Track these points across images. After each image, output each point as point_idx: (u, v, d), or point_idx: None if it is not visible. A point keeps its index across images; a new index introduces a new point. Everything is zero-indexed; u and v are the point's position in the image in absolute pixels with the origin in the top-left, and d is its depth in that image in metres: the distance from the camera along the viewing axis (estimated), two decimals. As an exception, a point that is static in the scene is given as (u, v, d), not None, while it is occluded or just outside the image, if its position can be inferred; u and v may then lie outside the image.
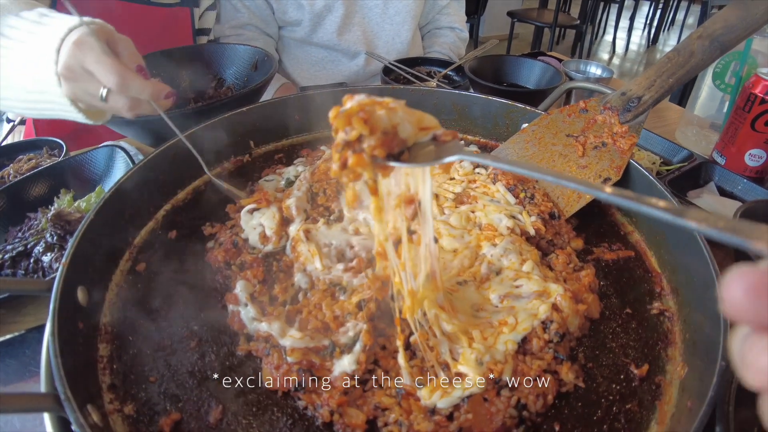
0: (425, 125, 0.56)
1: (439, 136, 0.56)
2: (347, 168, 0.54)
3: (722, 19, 0.88)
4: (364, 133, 0.51)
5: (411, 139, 0.55)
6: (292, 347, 0.64)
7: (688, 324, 0.70)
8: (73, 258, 0.69)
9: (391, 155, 0.53)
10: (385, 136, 0.52)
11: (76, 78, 0.86)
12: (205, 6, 1.79)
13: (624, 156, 0.89)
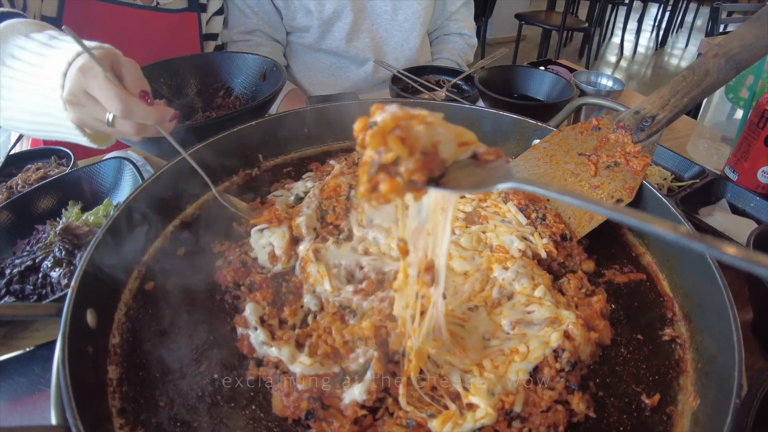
0: (464, 140, 0.50)
1: (481, 154, 0.50)
2: (377, 192, 0.47)
3: (738, 37, 0.87)
4: (402, 155, 0.45)
5: (451, 159, 0.49)
6: (302, 374, 0.64)
7: (700, 353, 0.69)
8: (82, 280, 0.69)
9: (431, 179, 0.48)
10: (424, 157, 0.46)
11: (81, 103, 0.86)
12: (213, 11, 1.79)
13: (637, 177, 0.88)
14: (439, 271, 0.58)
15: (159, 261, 0.87)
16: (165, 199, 0.92)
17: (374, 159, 0.46)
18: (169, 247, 0.90)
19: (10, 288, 0.97)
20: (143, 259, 0.87)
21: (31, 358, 0.89)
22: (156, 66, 1.44)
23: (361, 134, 0.47)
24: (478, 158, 0.50)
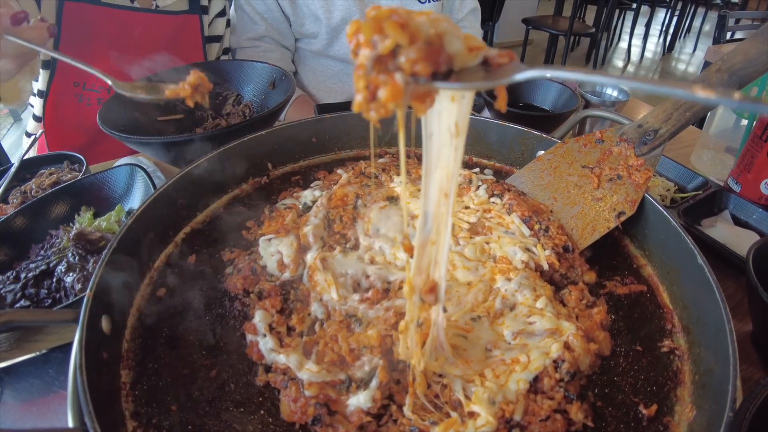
0: (473, 45, 0.44)
1: (493, 57, 0.44)
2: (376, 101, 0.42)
3: (742, 52, 0.88)
4: (401, 42, 0.39)
5: (459, 59, 0.43)
6: (309, 381, 0.66)
7: (698, 365, 0.71)
8: (97, 288, 0.71)
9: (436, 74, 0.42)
10: (428, 47, 0.40)
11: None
12: (215, 13, 1.82)
13: (639, 190, 0.89)
14: (440, 288, 0.59)
15: (170, 268, 0.89)
16: (176, 207, 0.95)
17: (369, 55, 0.40)
18: (180, 254, 0.92)
19: (25, 292, 1.00)
20: (155, 265, 0.89)
21: (45, 360, 0.92)
22: (166, 73, 1.47)
23: (355, 38, 0.42)
24: (489, 64, 0.44)
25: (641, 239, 0.92)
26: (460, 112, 0.49)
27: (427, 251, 0.57)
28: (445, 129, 0.51)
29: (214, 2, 1.81)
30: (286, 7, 1.88)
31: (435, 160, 0.53)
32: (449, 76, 0.42)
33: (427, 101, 0.43)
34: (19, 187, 1.33)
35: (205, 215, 1.00)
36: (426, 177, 0.55)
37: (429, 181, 0.55)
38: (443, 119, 0.50)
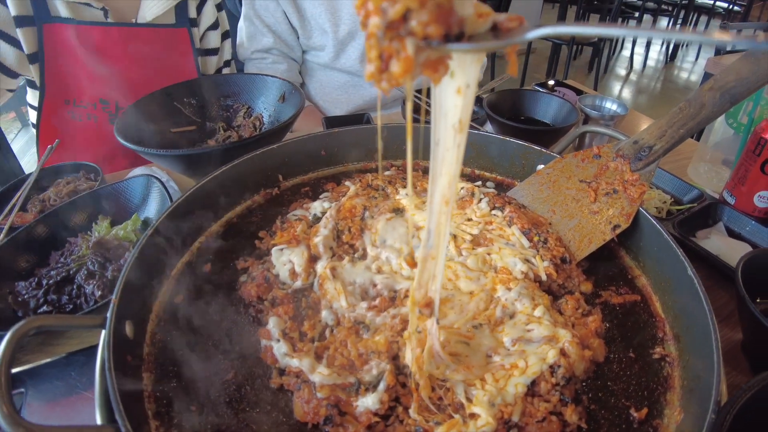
0: (483, 11, 0.44)
1: (502, 22, 0.44)
2: (389, 72, 0.42)
3: (734, 71, 0.92)
4: (411, 6, 0.40)
5: (470, 24, 0.43)
6: (321, 383, 0.70)
7: (687, 371, 0.75)
8: (121, 294, 0.76)
9: (448, 37, 0.42)
10: (439, 9, 0.41)
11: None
12: (206, 26, 1.85)
13: (634, 204, 0.94)
14: (435, 304, 0.65)
15: (187, 276, 0.94)
16: (193, 218, 0.99)
17: (380, 22, 0.41)
18: (197, 262, 0.97)
19: (47, 297, 1.05)
20: (172, 273, 0.93)
21: (67, 363, 0.96)
22: (180, 86, 1.53)
23: (363, 8, 0.42)
24: (499, 29, 0.44)
25: (636, 251, 0.96)
26: (465, 105, 0.51)
27: (428, 266, 0.62)
28: (450, 127, 0.53)
29: (204, 15, 1.84)
30: (294, 21, 1.94)
31: (440, 167, 0.57)
32: (461, 40, 0.43)
33: (441, 69, 0.44)
34: (37, 196, 1.37)
35: (220, 225, 1.05)
36: (431, 185, 0.59)
37: (434, 189, 0.59)
38: (449, 119, 0.52)
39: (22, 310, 1.02)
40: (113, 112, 1.72)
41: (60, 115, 1.68)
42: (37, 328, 0.68)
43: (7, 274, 1.09)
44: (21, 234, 1.14)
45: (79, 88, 1.66)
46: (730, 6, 8.62)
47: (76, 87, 1.66)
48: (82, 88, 1.66)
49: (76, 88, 1.66)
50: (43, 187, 1.41)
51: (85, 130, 1.72)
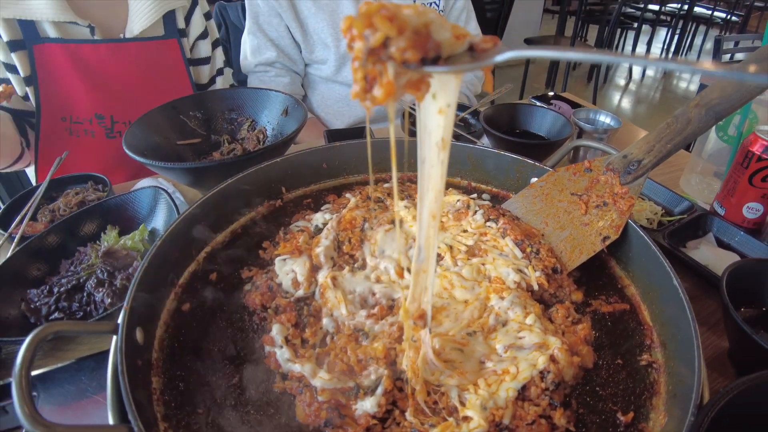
0: (460, 33, 0.47)
1: (477, 44, 0.48)
2: (373, 94, 0.46)
3: (719, 89, 0.96)
4: (390, 34, 0.43)
5: (447, 46, 0.46)
6: (322, 388, 0.74)
7: (672, 376, 0.79)
8: (132, 302, 0.80)
9: (425, 60, 0.45)
10: (416, 36, 0.44)
11: None
12: (195, 36, 1.90)
13: (623, 216, 0.98)
14: (427, 316, 0.69)
15: (193, 284, 0.98)
16: (199, 229, 1.03)
17: (362, 48, 0.44)
18: (203, 271, 1.00)
19: (58, 305, 1.09)
20: (179, 282, 0.97)
21: (78, 368, 1.00)
22: (186, 99, 1.57)
23: (349, 32, 0.46)
24: (475, 50, 0.48)
25: (625, 261, 1.00)
26: (447, 125, 0.54)
27: (421, 279, 0.66)
28: (434, 145, 0.56)
29: (192, 25, 1.88)
30: (297, 35, 1.99)
31: (427, 183, 0.60)
32: (437, 62, 0.46)
33: (423, 87, 0.48)
34: (47, 206, 1.42)
35: (225, 236, 1.09)
36: (420, 201, 0.62)
37: (422, 206, 0.63)
38: (432, 137, 0.55)
39: (34, 317, 1.06)
40: (109, 126, 1.77)
41: (58, 132, 1.72)
42: (55, 333, 0.71)
43: (19, 281, 1.13)
44: (33, 243, 1.18)
45: (74, 105, 1.70)
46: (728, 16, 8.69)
47: (71, 104, 1.70)
48: (77, 105, 1.71)
49: (72, 106, 1.70)
50: (52, 197, 1.46)
51: (83, 145, 1.77)
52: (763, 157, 1.25)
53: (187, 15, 1.85)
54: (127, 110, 1.75)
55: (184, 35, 1.86)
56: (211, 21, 1.97)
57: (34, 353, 0.67)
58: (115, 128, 1.76)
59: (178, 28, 1.81)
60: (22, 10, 1.53)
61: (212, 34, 1.98)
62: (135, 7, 1.69)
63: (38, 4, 1.54)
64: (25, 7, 1.53)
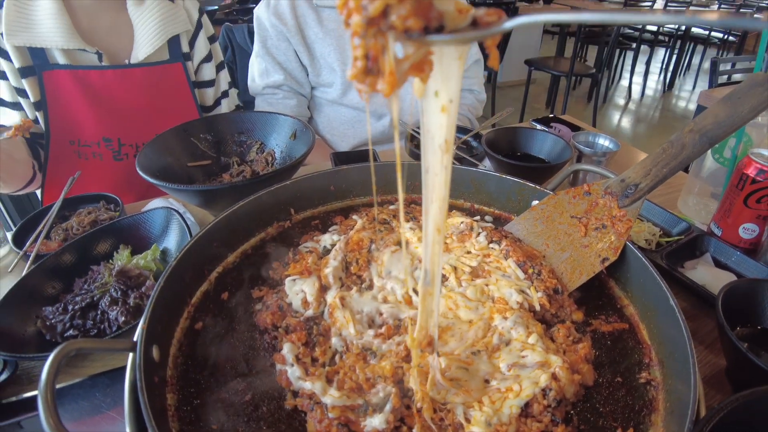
0: (462, 6, 0.45)
1: (481, 17, 0.45)
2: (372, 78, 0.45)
3: (712, 115, 1.00)
4: (390, 1, 0.41)
5: (450, 19, 0.44)
6: (332, 405, 0.77)
7: (670, 393, 0.81)
8: (149, 321, 0.83)
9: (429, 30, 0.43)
10: (418, 3, 0.42)
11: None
12: (199, 59, 1.95)
13: (621, 238, 1.01)
14: (435, 342, 0.73)
15: (206, 303, 1.01)
16: (211, 249, 1.07)
17: (360, 20, 0.42)
18: (214, 291, 1.04)
19: (73, 322, 1.11)
20: (192, 301, 1.00)
21: (92, 385, 1.03)
22: (196, 122, 1.62)
23: (345, 7, 0.43)
24: (479, 23, 0.45)
25: (624, 282, 1.03)
26: (449, 125, 0.53)
27: (427, 303, 0.69)
28: (437, 148, 0.55)
29: (196, 49, 1.93)
30: (304, 59, 2.05)
31: (431, 193, 0.60)
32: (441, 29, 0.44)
33: (426, 68, 0.46)
34: (60, 225, 1.45)
35: (236, 256, 1.12)
36: (425, 216, 0.63)
37: (428, 219, 0.63)
38: (435, 140, 0.55)
39: (50, 334, 1.09)
40: (116, 149, 1.81)
41: (67, 155, 1.77)
42: (77, 349, 0.75)
43: (35, 299, 1.16)
44: (48, 261, 1.22)
45: (82, 128, 1.75)
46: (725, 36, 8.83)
47: (79, 128, 1.75)
48: (85, 128, 1.76)
49: (80, 129, 1.75)
50: (64, 216, 1.49)
51: (91, 167, 1.81)
52: (757, 179, 1.29)
53: (191, 39, 1.90)
54: (134, 133, 1.80)
55: (189, 59, 1.90)
56: (215, 44, 2.02)
57: (58, 368, 0.70)
58: (122, 151, 1.81)
59: (183, 52, 1.86)
60: (33, 38, 1.59)
61: (216, 57, 2.02)
62: (140, 34, 1.75)
63: (48, 33, 1.60)
64: (36, 35, 1.59)
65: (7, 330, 1.06)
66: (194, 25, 1.91)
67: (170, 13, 1.80)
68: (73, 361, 1.07)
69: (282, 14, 2.01)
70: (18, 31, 1.58)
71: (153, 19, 1.75)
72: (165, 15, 1.78)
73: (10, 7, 1.57)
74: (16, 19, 1.58)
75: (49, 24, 1.59)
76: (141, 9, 1.75)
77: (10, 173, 1.64)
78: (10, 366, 1.01)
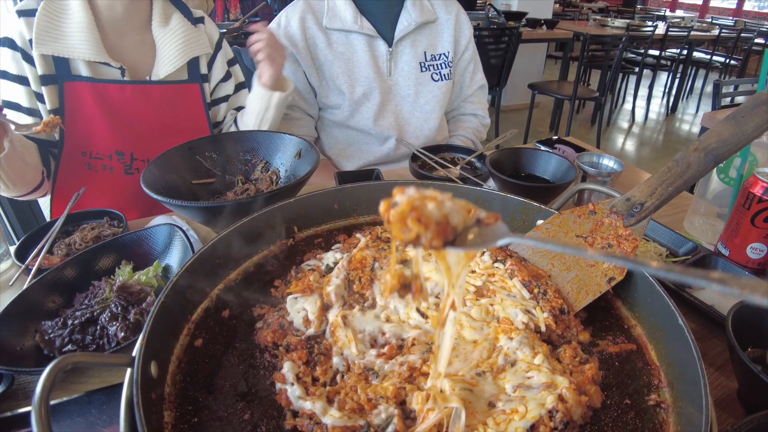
0: (469, 209, 0.63)
1: (483, 219, 0.64)
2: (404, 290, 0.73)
3: (717, 134, 1.00)
4: (420, 232, 0.59)
5: (461, 225, 0.61)
6: (333, 425, 0.75)
7: (680, 416, 0.79)
8: (148, 336, 0.82)
9: (446, 242, 0.61)
10: (438, 227, 0.59)
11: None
12: (217, 80, 2.00)
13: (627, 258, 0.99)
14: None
15: (206, 320, 0.99)
16: (213, 266, 1.06)
17: (402, 241, 0.62)
18: (215, 308, 1.02)
19: (72, 337, 1.10)
20: (192, 318, 0.99)
21: (88, 401, 1.00)
22: (202, 140, 1.63)
23: (386, 213, 0.61)
24: (481, 222, 0.63)
25: (631, 302, 1.02)
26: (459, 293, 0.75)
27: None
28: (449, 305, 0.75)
29: (214, 70, 1.98)
30: (313, 81, 2.08)
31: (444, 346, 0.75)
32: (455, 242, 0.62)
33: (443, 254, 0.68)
34: (63, 240, 1.45)
35: (237, 273, 1.11)
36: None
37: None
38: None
39: (48, 348, 1.08)
40: (128, 163, 1.83)
41: (77, 166, 1.79)
42: (74, 363, 0.73)
43: (34, 313, 1.15)
44: (50, 275, 1.21)
45: (96, 140, 1.78)
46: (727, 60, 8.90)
47: (93, 140, 1.78)
48: (99, 140, 1.78)
49: (94, 141, 1.78)
50: (67, 231, 1.49)
51: (100, 180, 1.83)
52: (763, 198, 1.27)
53: (210, 61, 1.96)
54: (147, 148, 1.82)
55: (206, 80, 1.96)
56: (235, 67, 2.08)
57: (53, 382, 0.68)
58: (134, 165, 1.82)
59: (201, 73, 1.92)
60: (60, 49, 1.64)
61: (236, 77, 2.08)
62: (162, 54, 1.81)
63: (77, 45, 1.64)
64: (65, 45, 1.64)
65: (5, 344, 1.04)
66: (213, 47, 1.98)
67: (192, 36, 1.87)
68: (69, 376, 1.05)
69: (292, 36, 2.03)
70: (47, 40, 1.63)
71: (176, 41, 1.82)
72: (187, 38, 1.85)
73: (41, 16, 1.63)
74: (46, 28, 1.63)
75: (79, 36, 1.64)
76: (165, 31, 1.82)
77: (19, 176, 1.65)
78: (6, 380, 0.99)
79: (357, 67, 2.06)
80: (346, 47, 2.07)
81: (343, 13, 2.04)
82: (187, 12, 1.90)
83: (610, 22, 8.49)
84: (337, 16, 2.04)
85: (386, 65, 2.11)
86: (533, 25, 7.37)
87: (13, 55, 1.65)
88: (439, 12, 2.20)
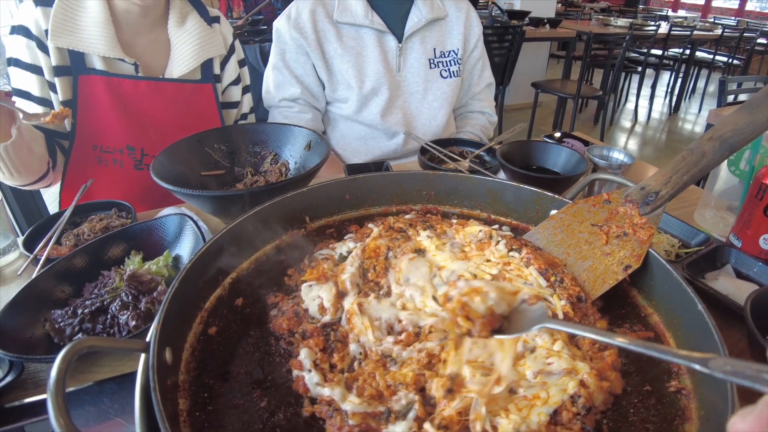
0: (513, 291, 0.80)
1: (526, 300, 0.79)
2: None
3: (731, 122, 0.99)
4: (470, 327, 0.75)
5: (508, 309, 0.77)
6: (353, 411, 0.74)
7: (702, 402, 0.78)
8: (163, 322, 0.81)
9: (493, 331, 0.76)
10: (485, 319, 0.75)
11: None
12: (228, 82, 2.00)
13: (644, 245, 0.99)
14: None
15: (219, 309, 0.99)
16: (226, 255, 1.05)
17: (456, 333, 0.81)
18: (229, 296, 1.01)
19: (82, 326, 1.09)
20: (205, 306, 0.98)
21: (100, 390, 1.00)
22: (211, 132, 1.62)
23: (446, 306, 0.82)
24: (526, 302, 0.78)
25: (648, 290, 1.01)
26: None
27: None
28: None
29: (226, 71, 1.99)
30: (322, 74, 2.07)
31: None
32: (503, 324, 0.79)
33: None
34: (71, 230, 1.44)
35: (250, 262, 1.10)
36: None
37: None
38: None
39: (58, 337, 1.07)
40: (139, 158, 1.83)
41: (87, 159, 1.79)
42: (89, 347, 0.72)
43: (44, 302, 1.14)
44: (59, 264, 1.21)
45: (107, 134, 1.78)
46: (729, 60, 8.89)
47: (104, 134, 1.77)
48: (110, 134, 1.78)
49: (105, 135, 1.78)
50: (76, 222, 1.49)
51: (110, 174, 1.83)
52: (776, 189, 1.27)
53: (223, 62, 1.98)
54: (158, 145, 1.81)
55: (219, 81, 1.97)
56: (244, 68, 2.08)
57: (68, 365, 0.67)
58: (144, 161, 1.82)
59: (214, 73, 1.92)
60: (76, 42, 1.64)
61: (244, 80, 2.09)
62: (177, 54, 1.81)
63: (92, 39, 1.64)
64: (80, 39, 1.64)
65: (15, 332, 1.03)
66: (227, 49, 1.98)
67: (208, 37, 1.87)
68: (80, 366, 1.04)
69: (303, 28, 2.02)
70: (63, 33, 1.63)
71: (191, 43, 1.82)
72: (202, 39, 1.85)
73: (58, 9, 1.63)
74: (62, 21, 1.63)
75: (94, 31, 1.64)
76: (180, 31, 1.82)
77: (25, 165, 1.64)
78: (16, 368, 0.99)
79: (366, 62, 2.06)
80: (356, 41, 2.06)
81: (354, 8, 2.03)
82: (203, 11, 1.91)
83: (613, 21, 8.48)
84: (348, 10, 2.03)
85: (396, 61, 2.10)
86: (536, 24, 7.35)
87: (27, 43, 1.65)
88: (449, 9, 2.20)
